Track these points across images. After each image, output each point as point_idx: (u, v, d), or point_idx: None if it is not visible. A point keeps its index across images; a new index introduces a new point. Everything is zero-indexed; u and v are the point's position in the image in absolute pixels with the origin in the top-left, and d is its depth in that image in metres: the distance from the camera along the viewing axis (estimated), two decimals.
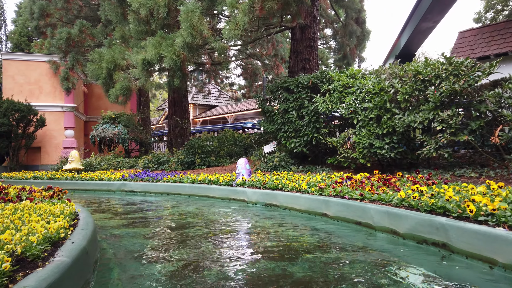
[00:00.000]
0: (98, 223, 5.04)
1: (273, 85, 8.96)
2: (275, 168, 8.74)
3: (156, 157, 11.57)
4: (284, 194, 5.61)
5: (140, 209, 6.22)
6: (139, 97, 23.18)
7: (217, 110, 31.87)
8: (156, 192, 8.52)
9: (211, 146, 11.13)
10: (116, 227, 4.62)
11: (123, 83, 10.84)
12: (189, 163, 10.62)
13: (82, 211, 3.82)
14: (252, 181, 6.70)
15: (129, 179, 9.47)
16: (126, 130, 14.31)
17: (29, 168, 16.13)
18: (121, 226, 4.70)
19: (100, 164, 13.01)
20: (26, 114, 14.42)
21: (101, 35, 14.71)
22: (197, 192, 7.58)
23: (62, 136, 16.68)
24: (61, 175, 11.17)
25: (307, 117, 7.94)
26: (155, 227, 4.54)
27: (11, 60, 16.11)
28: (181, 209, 6.08)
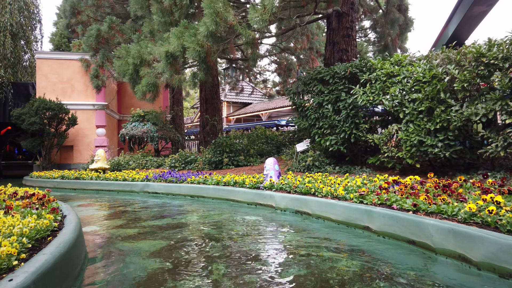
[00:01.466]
0: (106, 233, 4.43)
1: (306, 76, 8.09)
2: (308, 168, 7.88)
3: (183, 156, 11.01)
4: (317, 201, 4.76)
5: (156, 215, 5.58)
6: (172, 95, 22.93)
7: (250, 107, 31.23)
8: (179, 194, 7.90)
9: (240, 144, 10.43)
10: (124, 239, 3.97)
11: (149, 79, 10.36)
12: (217, 163, 9.97)
13: (70, 222, 3.17)
14: (281, 184, 5.89)
15: (152, 180, 8.93)
16: (155, 128, 13.89)
17: (61, 167, 16.13)
18: (131, 237, 4.04)
19: (129, 163, 12.64)
20: (57, 112, 14.33)
21: (130, 31, 14.38)
22: (221, 195, 6.87)
23: (94, 134, 16.58)
24: (86, 174, 10.85)
25: (345, 111, 7.02)
26: (167, 240, 3.84)
27: (44, 59, 16.16)
28: (202, 217, 5.37)
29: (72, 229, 2.85)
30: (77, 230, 2.95)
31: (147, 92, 10.70)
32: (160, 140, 14.60)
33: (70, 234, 2.71)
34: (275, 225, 4.55)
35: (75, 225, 3.08)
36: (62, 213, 3.67)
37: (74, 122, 15.22)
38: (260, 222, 4.79)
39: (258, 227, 4.47)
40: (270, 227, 4.42)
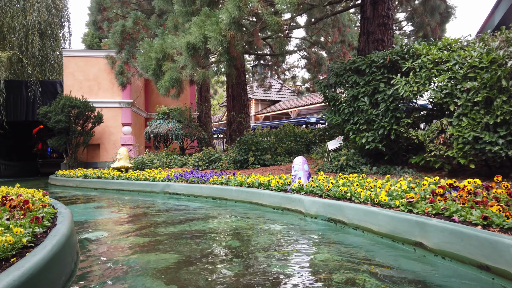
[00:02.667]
0: (114, 240, 3.90)
1: (339, 67, 7.32)
2: (342, 168, 7.11)
3: (207, 155, 10.46)
4: (354, 208, 4.03)
5: (173, 221, 5.01)
6: (199, 92, 22.54)
7: (279, 105, 30.50)
8: (200, 195, 7.33)
9: (267, 142, 9.76)
10: (132, 249, 3.41)
11: (172, 74, 9.88)
12: (242, 162, 9.35)
13: (53, 235, 2.61)
14: (311, 186, 5.18)
15: (173, 180, 8.42)
16: (179, 126, 13.44)
17: (88, 166, 16.01)
18: (140, 247, 3.47)
19: (153, 162, 12.25)
20: (82, 110, 14.16)
21: (155, 26, 14.01)
22: (245, 198, 6.23)
23: (120, 132, 16.37)
24: (108, 173, 10.51)
25: (384, 104, 6.21)
26: (180, 253, 3.24)
27: (71, 57, 16.09)
28: (222, 224, 4.75)
29: (49, 248, 2.27)
30: (57, 246, 2.38)
31: (171, 87, 10.25)
32: (185, 138, 14.15)
33: (42, 254, 2.13)
34: (305, 237, 3.86)
35: (58, 239, 2.51)
36: (52, 221, 3.14)
37: (100, 120, 15.03)
38: (288, 232, 4.11)
39: (285, 239, 3.79)
40: (299, 240, 3.74)
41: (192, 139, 14.41)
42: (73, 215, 5.99)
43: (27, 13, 15.71)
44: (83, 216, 5.70)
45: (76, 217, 5.56)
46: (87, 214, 5.80)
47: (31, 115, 16.65)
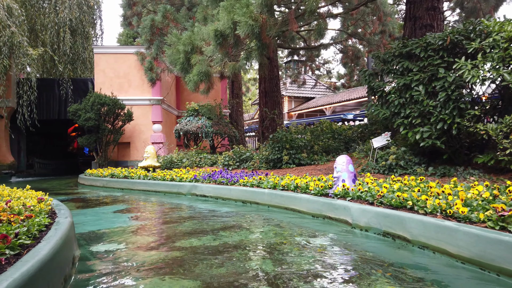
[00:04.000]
0: (123, 255, 3.26)
1: (386, 52, 6.38)
2: (390, 169, 6.18)
3: (237, 153, 9.75)
4: (420, 221, 3.15)
5: (196, 230, 4.31)
6: (231, 89, 21.96)
7: (313, 102, 29.45)
8: (229, 198, 6.61)
9: (302, 139, 8.93)
10: (140, 271, 2.72)
11: (200, 67, 9.26)
12: (275, 161, 8.56)
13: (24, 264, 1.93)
14: (359, 191, 4.32)
15: (201, 180, 7.76)
16: (209, 123, 12.83)
17: (119, 164, 15.75)
18: (150, 268, 2.78)
19: (182, 161, 11.71)
20: (112, 107, 13.85)
21: (184, 19, 13.48)
22: (279, 203, 5.45)
23: (150, 130, 16.01)
24: (135, 173, 10.02)
25: (444, 94, 5.22)
26: (197, 279, 2.51)
27: (101, 54, 15.88)
28: (252, 236, 3.99)
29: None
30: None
31: (199, 82, 9.62)
32: (216, 136, 13.54)
33: None
34: (357, 259, 3.03)
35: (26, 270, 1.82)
36: (39, 236, 2.49)
37: (130, 117, 14.70)
38: (333, 249, 3.29)
39: (332, 259, 2.97)
40: (350, 262, 2.91)
41: (223, 137, 13.77)
42: (89, 220, 5.45)
43: (59, 10, 15.62)
44: (99, 222, 5.12)
45: (91, 224, 4.99)
46: (104, 220, 5.21)
47: (63, 114, 16.60)
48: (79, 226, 4.79)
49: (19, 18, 13.95)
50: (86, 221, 5.18)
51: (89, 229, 4.56)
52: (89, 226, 4.79)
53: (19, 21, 13.96)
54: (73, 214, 5.91)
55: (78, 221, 5.14)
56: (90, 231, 4.47)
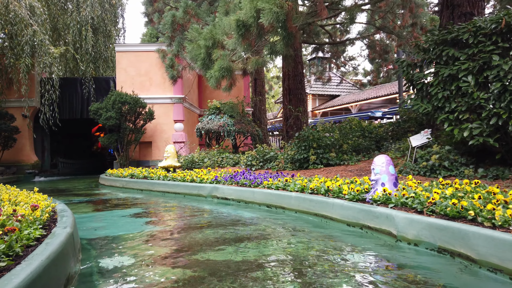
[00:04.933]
0: (130, 273, 2.81)
1: (427, 40, 5.71)
2: (433, 170, 5.52)
3: (261, 153, 9.23)
4: (489, 237, 2.54)
5: (216, 240, 3.82)
6: (254, 87, 21.50)
7: (338, 100, 28.61)
8: (252, 201, 6.10)
9: (330, 138, 8.32)
10: None
11: (222, 62, 8.81)
12: (301, 161, 8.00)
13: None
14: (404, 196, 3.72)
15: (222, 182, 7.29)
16: (232, 121, 12.36)
17: (140, 164, 15.52)
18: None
19: (203, 161, 11.29)
20: (133, 106, 13.59)
21: (205, 14, 13.07)
22: (308, 208, 4.89)
23: (172, 129, 15.70)
24: (155, 173, 9.66)
25: (499, 84, 4.54)
26: None
27: (123, 52, 15.67)
28: (278, 249, 3.46)
29: None
30: None
31: (221, 78, 9.17)
32: (238, 135, 13.06)
33: None
34: (407, 283, 2.45)
35: None
36: (22, 255, 2.04)
37: (151, 116, 14.41)
38: (375, 270, 2.72)
39: (373, 285, 2.41)
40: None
41: (246, 136, 13.28)
42: (104, 226, 5.04)
43: (81, 9, 15.51)
44: (114, 228, 4.70)
45: (105, 230, 4.58)
46: (119, 226, 4.79)
47: (86, 113, 16.50)
48: (91, 231, 4.39)
49: (41, 17, 13.89)
50: (100, 226, 4.78)
51: (102, 236, 4.14)
52: (102, 231, 4.38)
53: (41, 20, 13.90)
54: (87, 218, 5.55)
55: (91, 226, 4.75)
56: (102, 237, 4.06)
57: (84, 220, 5.27)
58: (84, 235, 4.18)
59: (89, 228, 4.62)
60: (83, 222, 5.14)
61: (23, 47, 13.36)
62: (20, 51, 13.48)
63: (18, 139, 15.39)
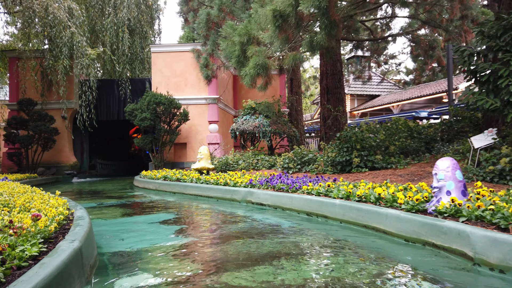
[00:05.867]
0: None
1: (494, 25, 4.94)
2: (502, 176, 4.74)
3: (299, 155, 8.64)
4: None
5: (248, 256, 3.31)
6: (290, 87, 20.90)
7: (379, 100, 27.43)
8: (290, 208, 5.54)
9: (375, 139, 7.61)
10: None
11: (257, 59, 8.35)
12: (343, 164, 7.34)
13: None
14: (479, 208, 3.04)
15: (257, 186, 6.77)
16: (267, 121, 11.84)
17: (175, 166, 15.32)
18: None
19: (238, 163, 10.84)
20: (168, 107, 13.38)
21: (241, 11, 12.67)
22: (355, 218, 4.26)
23: (207, 131, 15.39)
24: (188, 176, 9.30)
25: None
26: None
27: (158, 53, 15.56)
28: (322, 271, 2.88)
29: None
30: None
31: (256, 75, 8.72)
32: (274, 136, 12.52)
33: None
34: None
35: None
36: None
37: (186, 117, 14.15)
38: None
39: None
40: None
41: (282, 137, 12.71)
42: (129, 235, 4.66)
43: (118, 10, 15.56)
44: (140, 237, 4.30)
45: (129, 239, 4.18)
46: (145, 236, 4.37)
47: (122, 114, 16.54)
48: (114, 242, 3.99)
49: (79, 19, 14.01)
50: (125, 235, 4.38)
51: (124, 247, 3.74)
52: (127, 243, 3.98)
53: (79, 22, 14.02)
54: (114, 224, 5.20)
55: (115, 235, 4.37)
56: (125, 250, 3.64)
57: (110, 227, 4.92)
58: (105, 246, 3.79)
59: (112, 238, 4.24)
60: (108, 229, 4.78)
61: (61, 49, 13.50)
62: (59, 53, 13.63)
63: (58, 140, 15.64)
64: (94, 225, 5.03)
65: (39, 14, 13.05)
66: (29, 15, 13.04)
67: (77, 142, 17.76)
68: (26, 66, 14.96)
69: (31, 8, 12.95)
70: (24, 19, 13.40)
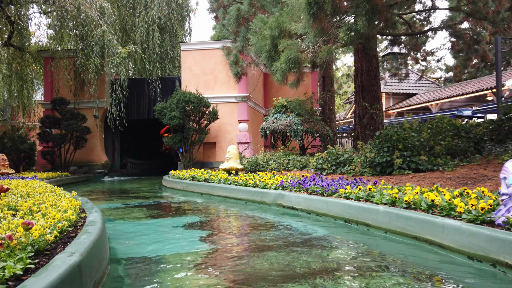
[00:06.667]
0: None
1: None
2: None
3: (333, 155, 8.08)
4: None
5: (279, 274, 2.84)
6: (322, 86, 20.25)
7: (416, 98, 26.22)
8: (326, 214, 5.02)
9: (419, 138, 6.94)
10: None
11: (289, 53, 7.91)
12: (383, 165, 6.73)
13: None
14: None
15: (289, 188, 6.28)
16: (299, 120, 11.31)
17: (204, 165, 15.06)
18: None
19: (268, 163, 10.39)
20: (197, 105, 13.11)
21: (271, 5, 12.21)
22: (403, 228, 3.70)
23: (236, 130, 15.03)
24: (215, 176, 8.93)
25: None
26: None
27: (188, 51, 15.35)
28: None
29: None
30: None
31: (288, 70, 8.28)
32: (306, 135, 11.97)
33: None
34: None
35: None
36: None
37: (215, 116, 13.84)
38: None
39: None
40: None
41: (314, 136, 12.14)
42: (150, 239, 4.20)
43: (148, 9, 15.47)
44: (161, 242, 3.93)
45: (149, 245, 3.83)
46: (167, 242, 3.98)
47: (152, 113, 16.47)
48: (132, 248, 3.64)
49: (110, 18, 13.99)
50: (145, 241, 4.01)
51: (143, 254, 3.37)
52: (146, 249, 3.61)
53: (110, 21, 14.01)
54: (136, 227, 4.85)
55: (135, 241, 4.01)
56: (143, 258, 3.27)
57: (131, 230, 4.58)
58: (122, 253, 3.43)
59: (132, 243, 3.89)
60: (128, 232, 4.45)
61: (92, 47, 13.51)
62: (90, 52, 13.66)
63: (89, 139, 15.73)
64: (115, 228, 4.72)
65: (71, 13, 13.10)
66: (61, 14, 13.12)
67: (109, 141, 17.86)
68: (59, 65, 15.12)
69: (63, 8, 13.02)
70: (57, 19, 13.50)
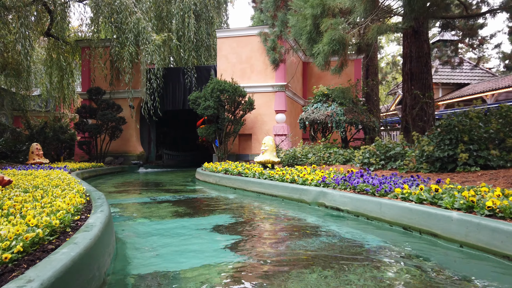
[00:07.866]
0: None
1: None
2: None
3: (382, 148, 7.15)
4: None
5: None
6: (365, 75, 19.05)
7: (468, 89, 24.25)
8: (379, 218, 4.17)
9: (487, 129, 5.88)
10: None
11: (332, 33, 7.07)
12: (444, 160, 5.74)
13: None
14: None
15: (332, 185, 5.47)
16: (342, 110, 10.35)
17: (239, 158, 14.45)
18: None
19: (307, 156, 9.58)
20: (232, 95, 12.45)
21: None
22: (487, 242, 2.82)
23: (273, 121, 14.27)
24: (250, 169, 8.25)
25: None
26: None
27: (224, 38, 14.71)
28: None
29: None
30: None
31: (330, 53, 7.44)
32: (349, 127, 11.00)
33: None
34: None
35: None
36: None
37: (251, 106, 13.14)
38: None
39: None
40: None
41: (358, 128, 11.14)
42: (170, 249, 3.37)
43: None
44: (180, 250, 3.28)
45: (166, 254, 3.19)
46: (189, 250, 3.31)
47: (187, 103, 16.05)
48: (147, 259, 3.00)
49: (145, 4, 13.62)
50: (164, 250, 3.35)
51: (158, 266, 2.74)
52: (162, 258, 2.98)
53: (145, 8, 13.65)
54: (158, 227, 4.16)
55: (153, 247, 3.38)
56: (156, 271, 2.63)
57: (151, 232, 3.97)
58: (134, 263, 2.83)
59: (148, 249, 3.26)
60: (147, 235, 3.84)
61: (127, 35, 13.20)
62: (125, 40, 13.36)
63: (125, 130, 15.56)
64: (134, 229, 4.11)
65: (106, 0, 12.82)
66: (96, 1, 12.87)
67: (145, 132, 17.67)
68: (94, 54, 14.98)
69: None
70: (92, 6, 13.28)
